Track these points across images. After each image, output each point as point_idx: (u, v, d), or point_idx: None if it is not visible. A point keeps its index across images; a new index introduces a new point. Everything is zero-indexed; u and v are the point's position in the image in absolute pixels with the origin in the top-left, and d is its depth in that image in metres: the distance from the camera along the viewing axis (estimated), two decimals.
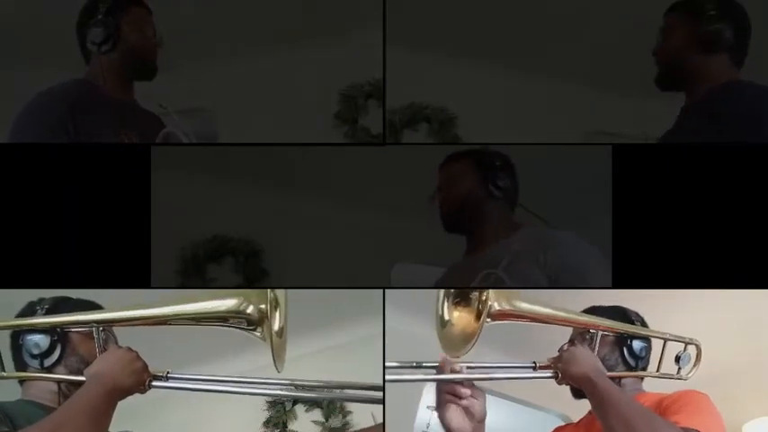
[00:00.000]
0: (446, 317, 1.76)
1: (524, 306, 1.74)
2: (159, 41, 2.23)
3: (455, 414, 1.63)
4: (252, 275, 3.02)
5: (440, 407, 1.64)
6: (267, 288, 1.64)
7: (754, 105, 2.05)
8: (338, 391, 1.74)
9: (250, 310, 1.63)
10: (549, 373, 1.72)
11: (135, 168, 2.14)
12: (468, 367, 1.65)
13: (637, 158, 2.16)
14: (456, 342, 1.73)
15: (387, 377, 1.64)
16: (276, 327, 1.61)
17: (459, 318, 1.74)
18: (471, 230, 2.21)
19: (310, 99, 2.96)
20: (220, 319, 1.65)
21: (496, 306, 1.70)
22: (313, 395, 1.74)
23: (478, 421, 1.64)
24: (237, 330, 1.64)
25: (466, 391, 1.63)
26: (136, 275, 2.13)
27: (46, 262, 2.13)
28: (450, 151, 2.28)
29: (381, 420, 1.91)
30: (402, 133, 3.00)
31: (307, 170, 2.85)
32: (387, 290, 2.14)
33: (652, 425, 1.57)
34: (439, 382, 1.64)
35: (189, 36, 2.66)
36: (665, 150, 2.14)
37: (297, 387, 1.69)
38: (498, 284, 1.97)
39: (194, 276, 3.00)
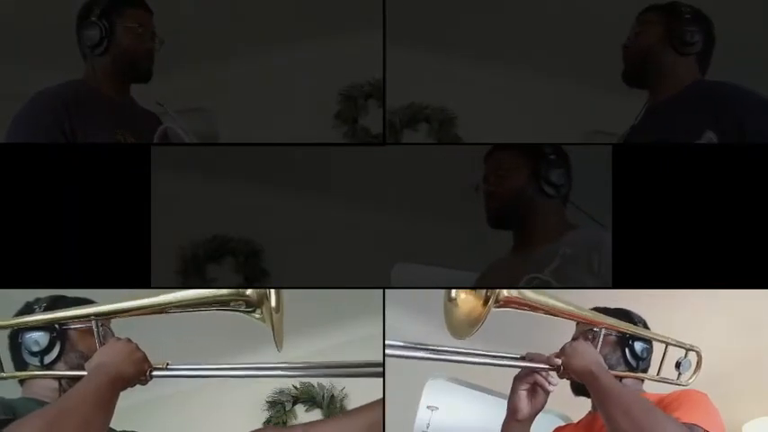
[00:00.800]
0: (452, 294, 1.76)
1: (532, 295, 1.75)
2: (158, 44, 2.21)
3: (528, 398, 1.73)
4: (252, 275, 3.02)
5: (521, 383, 1.72)
6: (267, 288, 1.66)
7: (722, 105, 2.07)
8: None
9: (249, 291, 1.67)
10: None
11: (134, 168, 2.14)
12: (472, 353, 1.72)
13: (637, 158, 2.16)
14: (461, 325, 1.73)
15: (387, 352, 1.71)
16: (273, 303, 1.65)
17: (465, 300, 1.74)
18: (519, 228, 2.13)
19: (310, 99, 2.96)
20: (221, 303, 1.67)
21: (505, 292, 1.71)
22: (313, 374, 1.77)
23: (536, 413, 1.73)
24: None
25: (554, 381, 1.72)
26: (136, 275, 2.13)
27: (45, 262, 2.13)
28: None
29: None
30: (402, 133, 3.00)
31: (307, 170, 2.84)
32: (387, 290, 2.13)
33: (653, 416, 1.59)
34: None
35: (189, 36, 2.66)
36: (666, 150, 2.14)
37: (296, 369, 1.74)
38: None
39: (194, 276, 2.99)
